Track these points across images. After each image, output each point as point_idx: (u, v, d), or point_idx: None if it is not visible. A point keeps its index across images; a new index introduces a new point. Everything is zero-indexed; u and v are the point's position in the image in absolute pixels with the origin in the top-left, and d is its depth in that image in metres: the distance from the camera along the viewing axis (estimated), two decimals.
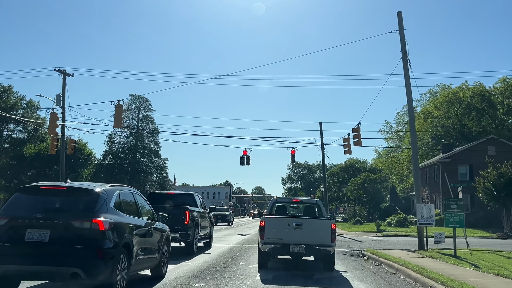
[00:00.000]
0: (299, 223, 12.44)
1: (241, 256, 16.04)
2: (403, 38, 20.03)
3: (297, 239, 12.19)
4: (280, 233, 12.34)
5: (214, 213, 45.26)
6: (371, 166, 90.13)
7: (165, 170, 74.47)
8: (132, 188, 9.66)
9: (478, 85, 70.03)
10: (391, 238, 29.92)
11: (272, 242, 12.34)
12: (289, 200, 17.58)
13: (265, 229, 12.42)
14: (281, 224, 12.55)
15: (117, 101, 23.03)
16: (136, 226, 8.59)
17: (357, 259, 16.72)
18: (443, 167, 50.78)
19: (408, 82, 19.75)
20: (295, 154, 39.02)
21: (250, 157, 39.25)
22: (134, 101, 70.26)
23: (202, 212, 18.27)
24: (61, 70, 38.66)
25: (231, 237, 27.74)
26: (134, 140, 70.83)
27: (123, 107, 22.78)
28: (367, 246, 22.27)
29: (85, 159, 60.99)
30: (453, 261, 14.59)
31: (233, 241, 23.95)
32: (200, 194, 19.41)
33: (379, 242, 26.11)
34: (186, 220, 15.51)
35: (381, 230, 37.55)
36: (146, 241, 9.19)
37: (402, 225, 43.60)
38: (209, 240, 19.54)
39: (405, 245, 23.90)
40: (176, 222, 15.48)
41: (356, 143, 27.78)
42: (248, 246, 20.23)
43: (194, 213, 16.40)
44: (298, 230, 12.26)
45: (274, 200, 16.74)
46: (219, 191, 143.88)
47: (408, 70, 19.96)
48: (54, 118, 24.61)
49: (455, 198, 21.22)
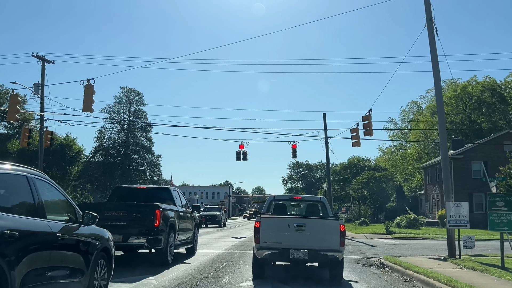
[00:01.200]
0: (301, 224, 10.52)
1: (228, 268, 12.48)
2: (427, 0, 16.55)
3: (299, 243, 10.43)
4: (278, 236, 10.54)
5: (203, 213, 41.31)
6: (375, 164, 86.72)
7: (158, 167, 70.71)
8: (31, 170, 5.95)
9: (488, 79, 66.81)
10: (405, 241, 26.44)
11: (269, 246, 10.44)
12: (289, 197, 14.27)
13: (260, 231, 10.55)
14: (280, 225, 10.70)
15: (87, 80, 19.54)
16: (26, 234, 5.03)
17: (377, 271, 13.17)
18: (455, 163, 47.28)
19: (434, 51, 16.24)
20: (296, 148, 35.97)
21: (247, 152, 36.12)
22: (125, 94, 66.69)
23: (182, 211, 14.76)
24: (40, 56, 35.55)
25: (223, 240, 24.18)
26: (125, 135, 67.08)
27: (94, 88, 19.18)
28: (382, 252, 18.88)
29: (73, 155, 57.48)
30: (508, 275, 11.04)
31: (224, 245, 20.41)
32: (178, 190, 15.86)
33: (393, 246, 22.61)
34: (156, 221, 11.96)
35: (391, 232, 34.19)
36: (55, 256, 5.63)
37: (412, 226, 40.32)
38: (192, 246, 16.04)
39: (424, 250, 20.66)
40: (143, 224, 11.99)
41: (366, 133, 24.20)
42: (240, 253, 16.68)
43: (168, 213, 12.88)
44: (300, 233, 10.45)
45: (272, 197, 13.50)
46: (219, 191, 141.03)
47: (434, 38, 16.46)
48: (15, 101, 21.09)
49: (501, 193, 17.75)
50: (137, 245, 11.95)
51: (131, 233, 11.93)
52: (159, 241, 12.02)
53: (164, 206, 12.63)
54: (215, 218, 42.95)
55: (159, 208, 12.09)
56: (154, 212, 11.97)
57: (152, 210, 11.99)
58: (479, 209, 45.90)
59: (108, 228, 12.03)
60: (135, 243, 11.90)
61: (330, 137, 34.61)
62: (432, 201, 54.16)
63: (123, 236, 11.87)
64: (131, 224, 12.03)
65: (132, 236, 11.90)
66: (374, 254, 18.00)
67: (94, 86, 19.50)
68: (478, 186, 46.74)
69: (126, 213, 12.05)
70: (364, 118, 24.21)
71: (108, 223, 11.90)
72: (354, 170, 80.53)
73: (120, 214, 12.03)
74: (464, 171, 47.10)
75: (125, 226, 11.99)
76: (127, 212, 12.07)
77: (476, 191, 46.51)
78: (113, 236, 11.99)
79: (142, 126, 65.98)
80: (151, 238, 11.90)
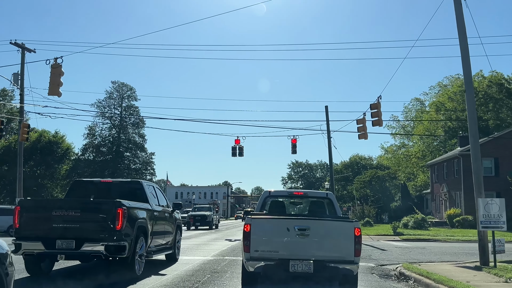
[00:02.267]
0: (304, 227, 8.19)
1: (210, 283, 9.81)
2: None
3: (301, 251, 8.16)
4: (275, 243, 8.29)
5: (191, 213, 38.20)
6: (377, 163, 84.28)
7: (151, 165, 67.79)
8: None
9: (495, 74, 64.30)
10: (417, 244, 23.89)
11: (263, 257, 8.17)
12: (288, 193, 11.55)
13: (251, 237, 8.23)
14: (277, 228, 8.37)
15: (54, 59, 16.88)
16: None
17: (398, 285, 10.53)
18: (464, 160, 44.67)
19: (460, 13, 13.60)
20: (296, 143, 33.45)
21: (243, 147, 33.53)
22: (116, 89, 63.81)
23: (159, 211, 12.12)
24: (20, 45, 33.12)
25: (215, 244, 21.51)
26: (117, 132, 64.19)
27: (61, 69, 16.55)
28: (396, 257, 16.38)
29: (62, 153, 54.74)
30: None
31: (214, 250, 17.76)
32: (155, 185, 13.20)
33: (406, 250, 20.03)
34: (118, 222, 9.30)
35: (399, 233, 31.71)
36: None
37: (420, 227, 37.75)
38: (172, 252, 13.40)
39: (443, 254, 18.20)
40: (101, 227, 9.35)
41: (375, 123, 21.55)
42: (230, 261, 14.02)
43: (137, 212, 10.24)
44: (303, 238, 8.16)
45: (267, 193, 10.91)
46: (217, 191, 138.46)
47: (461, 3, 13.82)
48: None
49: None
50: (93, 254, 9.30)
51: (85, 237, 9.30)
52: (121, 248, 9.36)
53: (130, 203, 9.97)
54: (205, 219, 38.92)
55: (123, 206, 9.43)
56: (115, 211, 9.32)
57: (112, 208, 9.33)
58: None
59: (57, 232, 9.47)
60: (90, 251, 9.25)
61: (332, 131, 32.00)
62: (439, 200, 51.58)
63: (75, 242, 9.24)
64: (86, 226, 9.40)
65: (88, 241, 9.26)
66: (388, 260, 15.43)
67: (62, 66, 16.86)
68: (489, 184, 44.16)
69: (80, 213, 9.41)
70: (372, 106, 21.56)
71: (56, 225, 9.28)
72: (356, 169, 78.18)
73: (72, 214, 9.39)
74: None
75: (79, 229, 9.36)
76: (81, 211, 9.42)
77: (487, 189, 43.40)
78: (64, 242, 9.37)
79: (134, 123, 63.11)
80: (111, 244, 9.24)
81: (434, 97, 76.49)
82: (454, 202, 45.72)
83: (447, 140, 66.27)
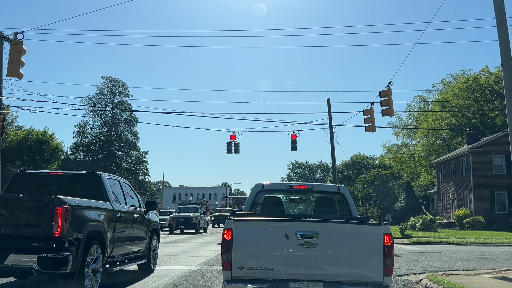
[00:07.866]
0: (310, 233, 5.66)
1: None
2: None
3: (306, 268, 5.64)
4: (268, 257, 5.75)
5: (174, 214, 34.79)
6: (379, 162, 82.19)
7: (144, 165, 65.19)
8: None
9: None
10: (429, 248, 21.62)
11: (251, 276, 5.76)
12: (287, 186, 8.72)
13: (233, 248, 5.85)
14: (272, 234, 5.80)
15: (14, 34, 14.46)
16: None
17: None
18: (474, 158, 42.32)
19: None
20: (296, 139, 31.28)
21: (239, 143, 31.42)
22: (108, 85, 61.21)
23: (125, 211, 9.69)
24: None
25: (204, 249, 19.06)
26: (108, 130, 61.66)
27: (23, 46, 14.13)
28: (412, 265, 14.28)
29: (51, 152, 52.31)
30: None
31: (200, 257, 15.31)
32: (123, 180, 10.76)
33: (420, 255, 17.73)
34: (57, 227, 6.86)
35: (407, 235, 29.51)
36: None
37: (429, 229, 35.36)
38: (145, 261, 10.96)
39: (463, 260, 16.09)
40: (33, 232, 6.92)
41: (385, 112, 19.18)
42: (216, 272, 11.59)
43: (87, 213, 7.80)
44: (309, 250, 5.62)
45: (260, 186, 8.35)
46: (215, 192, 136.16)
47: None
48: None
49: None
50: (22, 269, 6.83)
51: (12, 247, 6.87)
52: (62, 261, 6.91)
53: (77, 201, 7.52)
54: (190, 221, 33.24)
55: (63, 204, 6.99)
56: (53, 210, 6.88)
57: (48, 207, 6.89)
58: (501, 209, 40.99)
59: None
60: (17, 266, 6.79)
61: (335, 125, 29.63)
62: (446, 200, 49.19)
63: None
64: (15, 231, 6.98)
65: (14, 252, 6.82)
66: (405, 269, 13.07)
67: (23, 43, 14.44)
68: (500, 183, 41.97)
69: (5, 213, 6.98)
70: (382, 94, 19.17)
71: None
72: (358, 168, 76.22)
73: None
74: (484, 166, 42.12)
75: (2, 235, 6.93)
76: (6, 211, 6.99)
77: (498, 188, 41.57)
78: None
79: (126, 120, 60.60)
80: (46, 256, 6.80)
81: (437, 94, 74.39)
82: (463, 202, 43.32)
83: (452, 139, 64.14)
